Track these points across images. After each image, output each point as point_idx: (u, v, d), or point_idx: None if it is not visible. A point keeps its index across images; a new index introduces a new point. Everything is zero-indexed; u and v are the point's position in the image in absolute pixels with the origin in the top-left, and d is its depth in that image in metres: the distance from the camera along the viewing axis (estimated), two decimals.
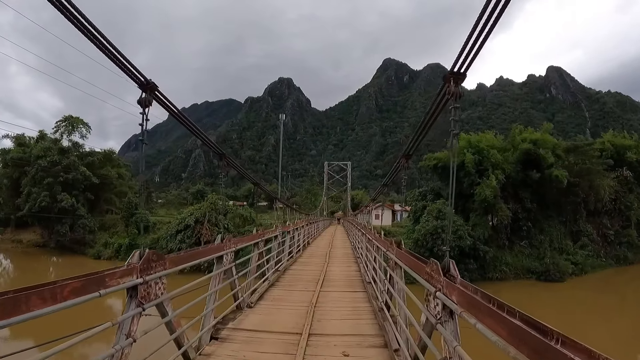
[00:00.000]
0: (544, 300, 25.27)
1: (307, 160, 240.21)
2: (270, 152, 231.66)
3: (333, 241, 24.08)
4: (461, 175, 29.97)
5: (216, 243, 5.98)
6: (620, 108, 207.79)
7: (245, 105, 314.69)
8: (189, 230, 31.68)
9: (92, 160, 42.96)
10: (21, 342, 11.43)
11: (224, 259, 6.08)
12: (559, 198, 34.63)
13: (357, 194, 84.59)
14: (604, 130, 56.26)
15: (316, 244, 22.63)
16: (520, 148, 32.27)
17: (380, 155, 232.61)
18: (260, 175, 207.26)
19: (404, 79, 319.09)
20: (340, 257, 16.06)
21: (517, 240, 32.29)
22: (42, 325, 4.64)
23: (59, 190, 38.38)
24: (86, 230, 38.94)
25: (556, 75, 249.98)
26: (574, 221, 36.32)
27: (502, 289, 26.04)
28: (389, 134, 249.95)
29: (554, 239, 33.84)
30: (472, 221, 30.22)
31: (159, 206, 70.70)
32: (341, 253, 17.63)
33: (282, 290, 9.01)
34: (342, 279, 10.72)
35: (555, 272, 29.78)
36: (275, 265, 10.54)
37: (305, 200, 69.36)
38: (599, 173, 35.49)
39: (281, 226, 11.99)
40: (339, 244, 23.05)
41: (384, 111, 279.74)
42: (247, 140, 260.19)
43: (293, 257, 14.09)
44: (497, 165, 30.58)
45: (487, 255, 28.49)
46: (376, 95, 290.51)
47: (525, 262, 31.08)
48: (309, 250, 18.34)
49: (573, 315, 22.01)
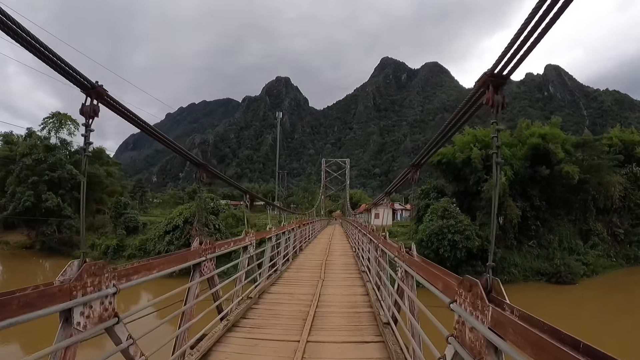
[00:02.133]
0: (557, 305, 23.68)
1: (305, 160, 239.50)
2: (268, 152, 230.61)
3: (330, 245, 20.28)
4: (467, 171, 28.39)
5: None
6: (618, 106, 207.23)
7: (242, 105, 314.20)
8: (177, 231, 29.93)
9: (80, 158, 41.17)
10: None
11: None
12: (568, 195, 33.08)
13: (355, 193, 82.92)
14: (602, 129, 54.74)
15: (311, 249, 18.77)
16: (528, 143, 30.62)
17: (378, 154, 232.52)
18: (257, 175, 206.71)
19: (402, 77, 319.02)
20: (340, 270, 12.36)
21: (525, 240, 30.61)
22: None
23: (44, 189, 36.66)
24: (72, 231, 37.15)
25: (554, 74, 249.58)
26: (583, 220, 34.72)
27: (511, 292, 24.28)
28: (387, 133, 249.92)
29: (563, 238, 32.25)
30: (479, 220, 28.54)
31: (154, 206, 69.19)
32: (340, 263, 13.95)
33: (242, 346, 5.08)
34: (343, 312, 6.94)
35: (566, 274, 28.14)
36: (240, 295, 6.84)
37: (302, 200, 67.37)
38: (609, 169, 33.93)
39: (253, 233, 8.18)
40: (338, 249, 19.15)
41: (382, 110, 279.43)
42: (245, 140, 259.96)
43: (278, 271, 10.57)
44: (506, 161, 28.94)
45: (495, 257, 26.78)
46: (374, 94, 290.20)
47: (534, 263, 29.47)
48: (300, 260, 14.40)
49: (600, 324, 20.25)
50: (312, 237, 23.83)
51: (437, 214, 27.66)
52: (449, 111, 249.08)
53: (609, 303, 24.84)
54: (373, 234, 9.59)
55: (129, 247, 33.42)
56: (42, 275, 32.54)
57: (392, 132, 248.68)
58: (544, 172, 29.92)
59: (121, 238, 34.90)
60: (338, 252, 17.55)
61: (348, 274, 11.47)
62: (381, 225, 13.45)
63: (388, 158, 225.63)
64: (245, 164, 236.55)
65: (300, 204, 64.25)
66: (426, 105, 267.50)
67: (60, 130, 43.27)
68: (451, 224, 25.81)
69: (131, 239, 34.69)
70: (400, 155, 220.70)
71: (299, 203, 66.74)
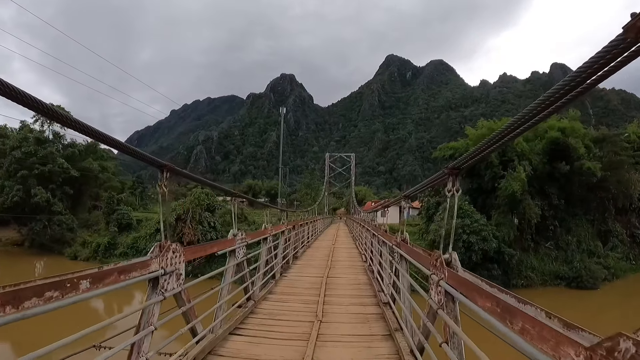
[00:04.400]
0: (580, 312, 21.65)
1: (309, 157, 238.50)
2: (272, 149, 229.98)
3: (334, 252, 15.51)
4: (481, 167, 26.22)
5: None
6: (624, 105, 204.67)
7: (247, 102, 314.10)
8: (169, 229, 28.07)
9: (73, 152, 39.50)
10: None
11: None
12: (586, 194, 30.95)
13: (361, 190, 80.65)
14: (608, 128, 52.33)
15: (308, 257, 13.92)
16: (546, 137, 28.43)
17: (383, 151, 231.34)
18: (261, 172, 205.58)
19: (407, 75, 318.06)
20: (347, 294, 7.71)
21: (542, 242, 28.46)
22: None
23: (34, 183, 34.91)
24: (63, 228, 35.39)
25: (560, 72, 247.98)
26: (602, 220, 32.51)
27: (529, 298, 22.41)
28: (391, 131, 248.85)
29: (582, 239, 30.11)
30: (494, 220, 26.36)
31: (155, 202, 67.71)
32: (346, 284, 8.81)
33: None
34: None
35: (588, 278, 26.04)
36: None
37: (305, 196, 64.98)
38: (630, 166, 31.73)
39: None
40: (343, 257, 14.07)
41: (386, 108, 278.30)
42: (249, 137, 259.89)
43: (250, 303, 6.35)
44: (524, 156, 26.80)
45: (512, 260, 24.69)
46: (379, 92, 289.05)
47: (552, 267, 27.36)
48: (292, 277, 9.69)
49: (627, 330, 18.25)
50: (311, 241, 19.26)
51: None
52: (453, 109, 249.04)
53: (632, 308, 22.82)
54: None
55: (121, 245, 31.68)
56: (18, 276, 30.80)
57: (396, 129, 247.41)
58: (563, 168, 27.76)
59: (113, 235, 33.14)
60: (343, 262, 12.94)
61: (359, 308, 6.57)
62: (385, 223, 11.37)
63: (393, 156, 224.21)
64: (249, 160, 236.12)
65: (302, 201, 62.03)
66: (431, 103, 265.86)
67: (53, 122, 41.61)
68: (466, 223, 23.60)
69: (124, 236, 32.91)
70: (405, 153, 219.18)
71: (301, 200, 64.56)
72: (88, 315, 17.26)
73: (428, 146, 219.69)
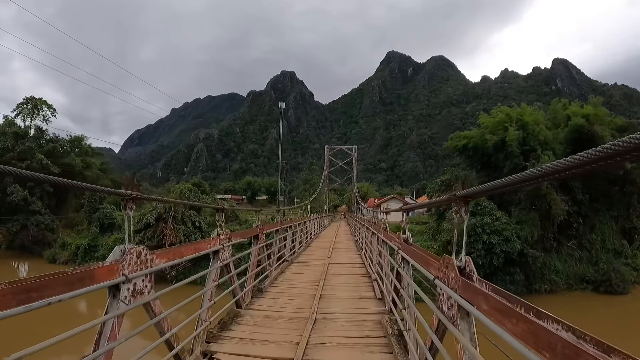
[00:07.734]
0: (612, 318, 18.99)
1: (310, 154, 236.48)
2: (272, 146, 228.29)
3: (329, 267, 10.65)
4: (500, 157, 23.41)
5: None
6: (627, 101, 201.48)
7: (247, 99, 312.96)
8: (150, 229, 25.30)
9: (54, 147, 36.84)
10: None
11: None
12: (610, 188, 28.20)
13: (362, 187, 77.59)
14: None
15: (296, 270, 10.25)
16: (570, 124, 25.60)
17: (384, 148, 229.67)
18: (262, 169, 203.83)
19: (408, 71, 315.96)
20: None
21: (564, 241, 25.65)
22: None
23: (10, 181, 32.29)
24: (42, 229, 32.76)
25: (562, 68, 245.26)
26: (626, 216, 29.73)
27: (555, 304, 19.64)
28: (392, 127, 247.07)
29: (606, 238, 27.35)
30: (515, 217, 23.45)
31: None
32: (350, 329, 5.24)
33: None
34: None
35: (617, 282, 23.26)
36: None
37: (303, 192, 61.86)
38: None
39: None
40: (343, 279, 9.12)
41: (387, 104, 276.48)
42: (250, 134, 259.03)
43: None
44: (547, 145, 23.99)
45: (536, 262, 21.87)
46: (380, 88, 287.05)
47: (577, 269, 24.59)
48: (267, 303, 6.58)
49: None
50: (304, 247, 15.15)
51: None
52: (455, 105, 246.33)
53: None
54: None
55: (102, 246, 28.99)
56: None
57: (398, 126, 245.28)
58: None
59: (94, 236, 30.49)
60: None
61: None
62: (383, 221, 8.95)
63: (394, 152, 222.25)
64: (250, 158, 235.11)
65: (301, 197, 58.92)
66: (432, 100, 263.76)
67: (35, 116, 39.05)
68: (486, 222, 20.80)
69: (106, 237, 30.25)
70: (407, 149, 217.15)
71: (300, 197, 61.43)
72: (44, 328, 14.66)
73: (429, 142, 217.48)
